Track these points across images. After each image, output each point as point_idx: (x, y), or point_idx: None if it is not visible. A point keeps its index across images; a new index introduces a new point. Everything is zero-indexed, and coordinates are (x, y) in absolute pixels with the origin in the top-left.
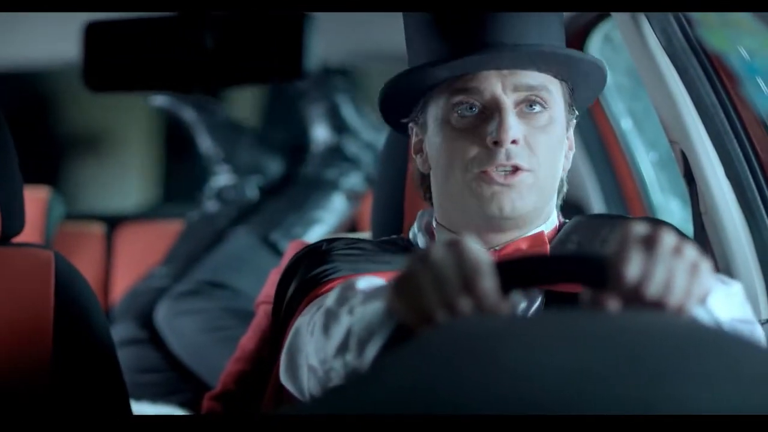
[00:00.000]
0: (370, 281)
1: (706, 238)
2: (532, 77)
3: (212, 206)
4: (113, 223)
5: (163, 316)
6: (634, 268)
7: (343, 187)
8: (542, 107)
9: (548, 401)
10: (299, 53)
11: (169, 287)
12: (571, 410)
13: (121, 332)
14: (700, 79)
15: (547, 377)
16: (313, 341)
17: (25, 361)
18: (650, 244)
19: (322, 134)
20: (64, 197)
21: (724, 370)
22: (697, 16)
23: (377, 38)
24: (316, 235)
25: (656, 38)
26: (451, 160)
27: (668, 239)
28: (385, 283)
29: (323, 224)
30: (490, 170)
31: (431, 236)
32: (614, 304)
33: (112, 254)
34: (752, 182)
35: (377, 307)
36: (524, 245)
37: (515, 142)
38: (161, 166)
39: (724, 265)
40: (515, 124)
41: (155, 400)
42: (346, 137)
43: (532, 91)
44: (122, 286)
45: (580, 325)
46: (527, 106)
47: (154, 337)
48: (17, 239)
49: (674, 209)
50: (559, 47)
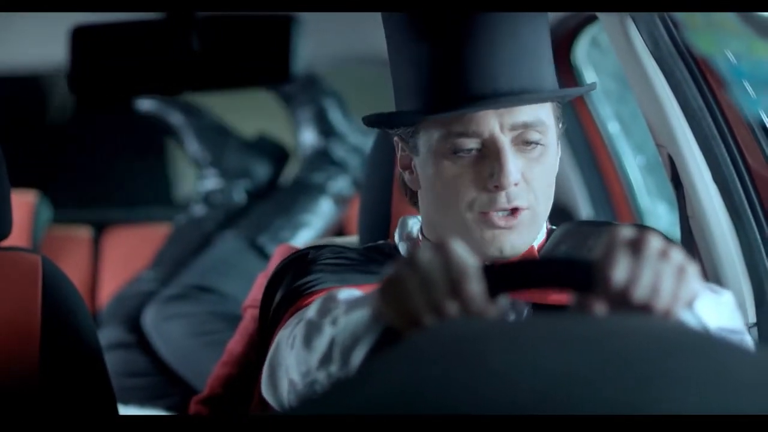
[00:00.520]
0: (351, 292)
1: (693, 242)
2: (526, 113)
3: (200, 210)
4: (100, 227)
5: (150, 320)
6: (620, 271)
7: (330, 191)
8: (537, 143)
9: (535, 404)
10: (286, 56)
11: (156, 291)
12: (558, 413)
13: (108, 336)
14: (686, 82)
15: (534, 380)
16: (293, 354)
17: (12, 364)
18: (637, 247)
19: (309, 138)
20: (51, 201)
21: (710, 373)
22: (683, 19)
23: (365, 41)
24: (303, 239)
25: (643, 42)
26: (449, 199)
27: (655, 243)
28: (365, 293)
29: (310, 228)
30: (491, 213)
31: (414, 246)
32: (601, 307)
33: (99, 258)
34: (739, 186)
35: (362, 314)
36: (514, 258)
37: (516, 184)
38: (148, 169)
39: (711, 268)
40: (514, 165)
41: (143, 403)
42: (333, 141)
43: (528, 128)
44: (109, 290)
45: (567, 328)
46: (524, 143)
47: (141, 341)
48: (4, 243)
49: (661, 213)
50: (553, 90)
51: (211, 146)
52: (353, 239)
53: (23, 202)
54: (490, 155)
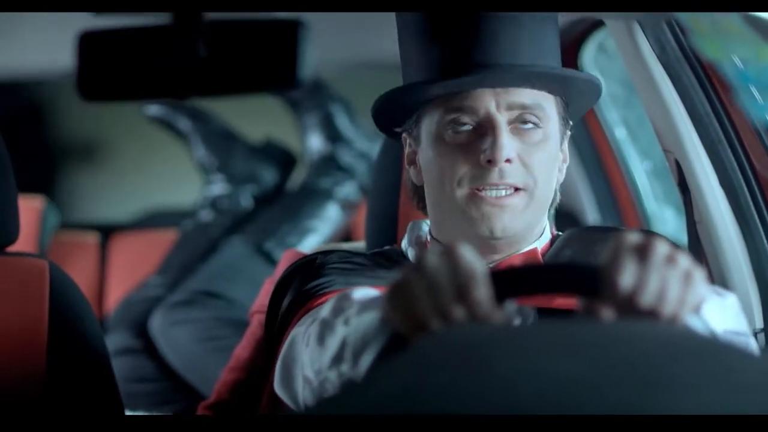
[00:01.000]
0: (366, 292)
1: (700, 247)
2: (525, 95)
3: (206, 215)
4: (107, 232)
5: (157, 325)
6: (627, 277)
7: (337, 196)
8: (536, 125)
9: (542, 409)
10: (294, 62)
11: (163, 297)
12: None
13: (115, 342)
14: (693, 87)
15: (541, 386)
16: (308, 352)
17: (19, 370)
18: (643, 253)
19: (316, 143)
20: (58, 207)
21: (716, 378)
22: (690, 24)
23: (371, 46)
24: (310, 244)
25: (650, 47)
26: (443, 176)
27: (661, 248)
28: (379, 293)
29: (317, 234)
30: (481, 189)
31: (423, 249)
32: (608, 313)
33: (106, 264)
34: (746, 191)
35: (372, 317)
36: (517, 262)
37: (509, 161)
38: (155, 175)
39: (718, 273)
40: (509, 142)
41: (150, 409)
42: (340, 147)
43: (525, 109)
44: (116, 295)
45: (573, 333)
46: (521, 123)
47: (148, 346)
48: (12, 248)
49: (668, 218)
50: (553, 67)
51: (218, 151)
52: (360, 245)
53: (30, 207)
54: (485, 132)
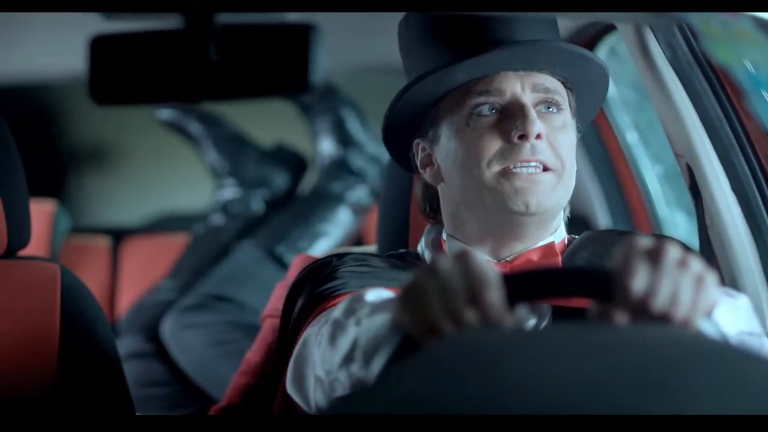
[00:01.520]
0: (378, 293)
1: (711, 251)
2: (546, 79)
3: (218, 219)
4: (119, 236)
5: (169, 329)
6: (640, 281)
7: (348, 200)
8: (558, 109)
9: (553, 413)
10: (305, 66)
11: (174, 301)
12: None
13: (127, 345)
14: (705, 92)
15: (553, 390)
16: (319, 352)
17: (31, 374)
18: (656, 257)
19: (327, 147)
20: (70, 211)
21: (729, 383)
22: (701, 28)
23: (383, 51)
24: (321, 248)
25: (661, 51)
26: (470, 159)
27: (674, 252)
28: (391, 295)
29: (329, 238)
30: (512, 166)
31: (439, 250)
32: (621, 317)
33: (117, 267)
34: (758, 195)
35: (384, 319)
36: (535, 256)
37: (539, 136)
38: (167, 179)
39: (729, 277)
40: (538, 119)
41: (161, 413)
42: (351, 151)
43: (548, 93)
44: (128, 299)
45: (585, 338)
46: (545, 107)
47: (160, 350)
48: (23, 252)
49: (680, 222)
50: (573, 46)
51: (229, 155)
52: (371, 249)
53: (42, 211)
54: (512, 113)
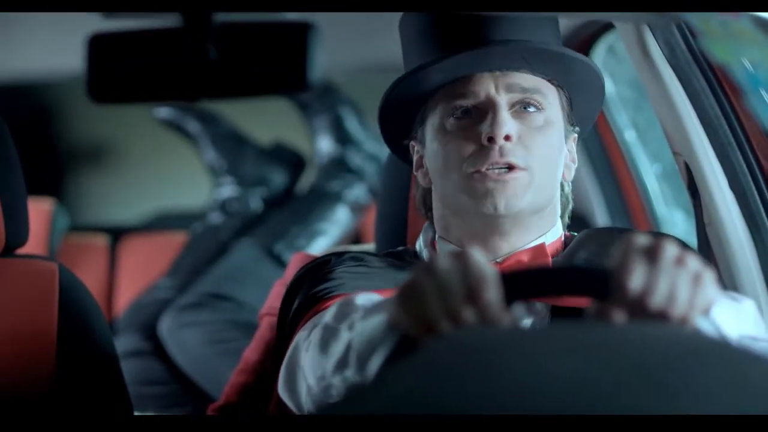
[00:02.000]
0: (368, 297)
1: (710, 249)
2: (524, 79)
3: (216, 218)
4: (117, 234)
5: (167, 328)
6: (637, 279)
7: (346, 199)
8: (537, 108)
9: (551, 412)
10: (304, 65)
11: (173, 299)
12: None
13: (125, 344)
14: (703, 90)
15: (550, 389)
16: (308, 358)
17: (28, 372)
18: (653, 255)
19: (325, 146)
20: (68, 209)
21: (727, 380)
22: (700, 27)
23: (381, 49)
24: (319, 247)
25: (660, 50)
26: (446, 162)
27: (671, 250)
28: (383, 298)
29: (327, 236)
30: (483, 168)
31: (431, 250)
32: (618, 315)
33: (115, 266)
34: (756, 194)
35: (379, 320)
36: (525, 257)
37: (508, 138)
38: (165, 177)
39: (728, 276)
40: (508, 121)
41: (159, 412)
42: (349, 149)
43: (525, 93)
44: (126, 298)
45: (583, 336)
46: (522, 107)
47: (157, 349)
48: (21, 251)
49: (678, 221)
50: (548, 43)
51: (227, 154)
52: (369, 247)
53: (40, 209)
54: (485, 114)
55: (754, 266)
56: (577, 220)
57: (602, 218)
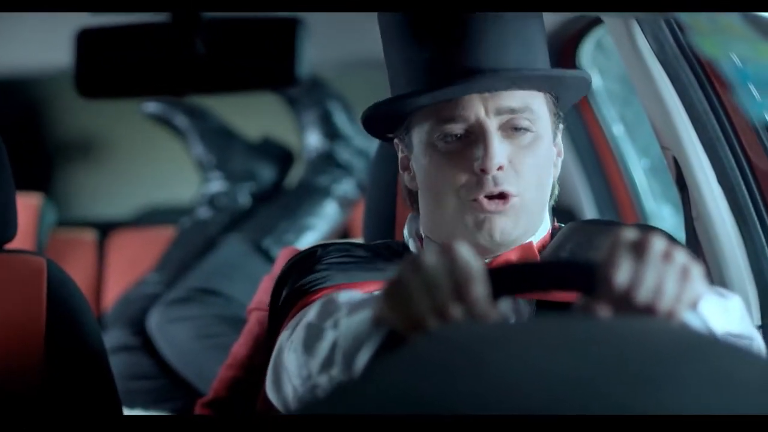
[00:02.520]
0: (351, 294)
1: (698, 244)
2: (514, 98)
3: (204, 213)
4: (105, 230)
5: (155, 323)
6: (623, 273)
7: (335, 193)
8: (526, 129)
9: (539, 407)
10: (292, 59)
11: (161, 294)
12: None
13: (113, 339)
14: (692, 85)
15: (538, 383)
16: (293, 358)
17: (17, 367)
18: (640, 249)
19: (314, 141)
20: (56, 204)
21: (713, 374)
22: (688, 22)
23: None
24: (308, 241)
25: (648, 44)
26: (440, 186)
27: (658, 244)
28: (367, 295)
29: (315, 231)
30: (480, 198)
31: (418, 245)
32: (605, 309)
33: (104, 261)
34: (744, 188)
35: (365, 317)
36: (513, 257)
37: (501, 168)
38: (153, 172)
39: (716, 271)
40: (500, 148)
41: (148, 407)
42: (338, 144)
43: (514, 114)
44: (114, 292)
45: (570, 331)
46: (511, 128)
47: (146, 344)
48: (9, 246)
49: (666, 215)
50: (540, 69)
51: (215, 149)
52: (358, 242)
53: (28, 204)
54: (476, 139)
55: (742, 260)
56: (564, 214)
57: (590, 213)
